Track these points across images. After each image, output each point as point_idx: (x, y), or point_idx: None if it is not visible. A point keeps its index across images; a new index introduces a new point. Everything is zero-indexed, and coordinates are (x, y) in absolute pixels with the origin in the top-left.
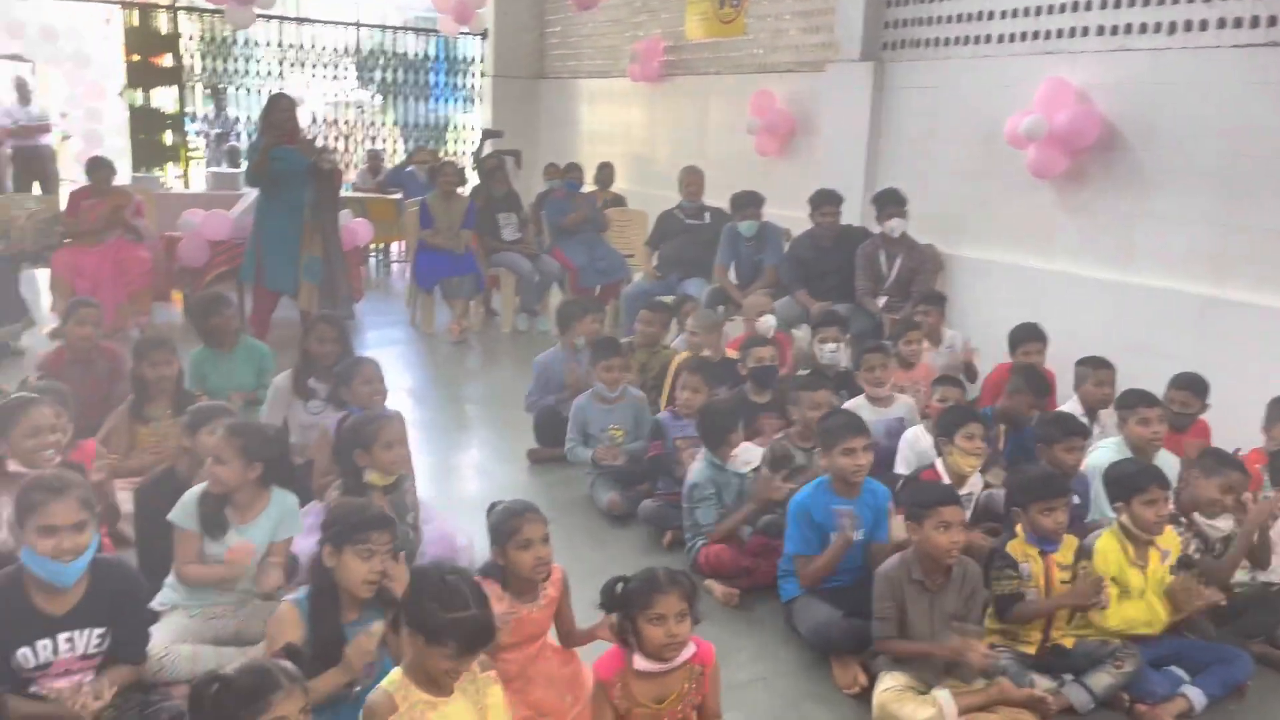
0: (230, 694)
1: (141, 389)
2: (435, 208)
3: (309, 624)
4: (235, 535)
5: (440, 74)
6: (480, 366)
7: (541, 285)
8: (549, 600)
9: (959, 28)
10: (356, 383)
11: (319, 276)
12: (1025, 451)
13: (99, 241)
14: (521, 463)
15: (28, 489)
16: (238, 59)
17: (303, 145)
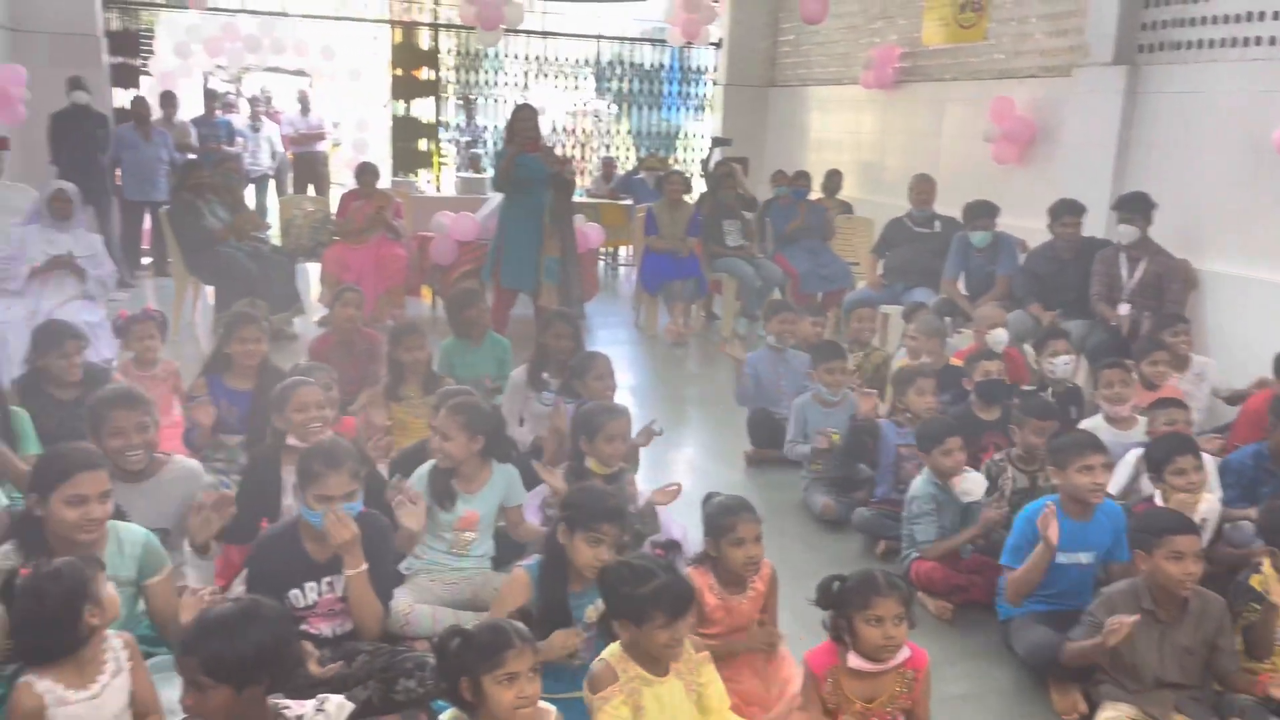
0: (470, 647)
1: (396, 370)
2: (660, 215)
3: (538, 591)
4: (463, 505)
5: (673, 83)
6: (699, 368)
7: (763, 290)
8: (756, 594)
9: (1225, 29)
10: (589, 377)
11: (556, 277)
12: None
13: (363, 239)
14: (737, 462)
15: (308, 459)
16: (487, 71)
17: (545, 154)
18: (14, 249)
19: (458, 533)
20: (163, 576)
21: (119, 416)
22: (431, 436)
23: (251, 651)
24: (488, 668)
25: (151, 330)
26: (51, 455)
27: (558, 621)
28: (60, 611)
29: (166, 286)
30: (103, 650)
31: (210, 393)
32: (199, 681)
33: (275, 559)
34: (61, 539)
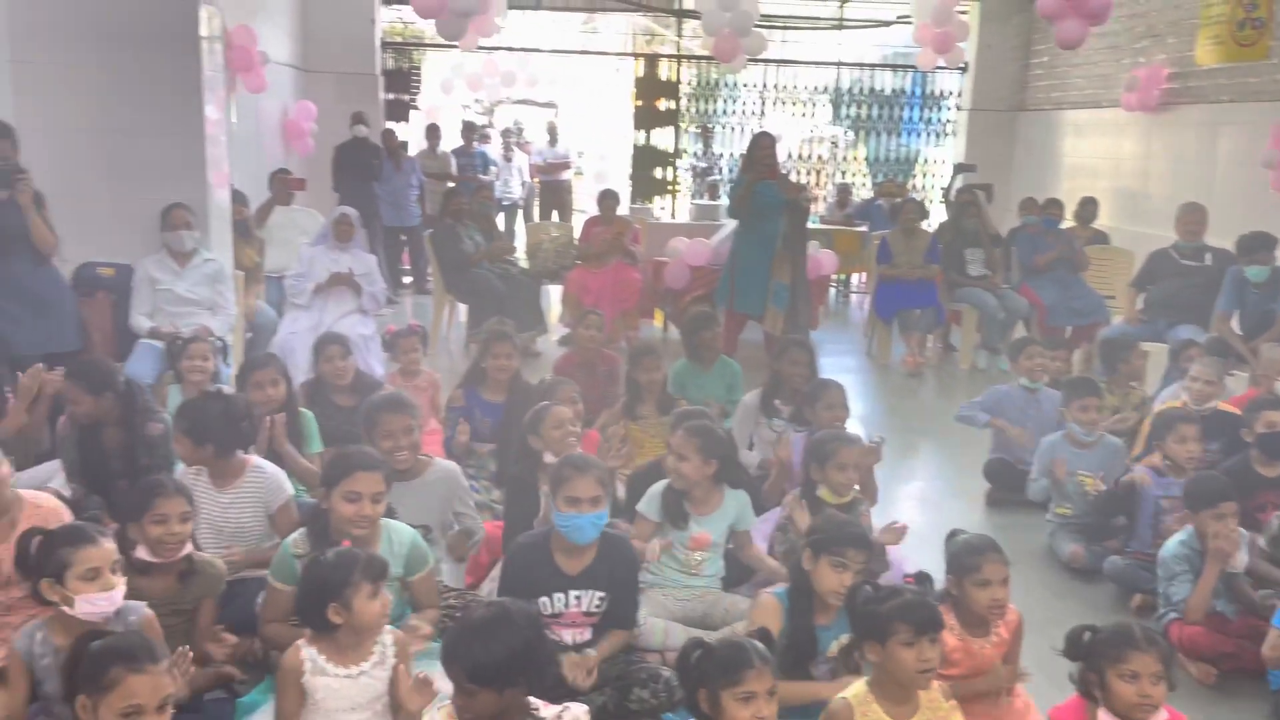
0: (711, 661)
1: (634, 390)
2: (895, 243)
3: (788, 618)
4: (695, 526)
5: (914, 109)
6: (934, 400)
7: (1006, 323)
8: (1000, 640)
9: None
10: (820, 405)
11: (784, 302)
12: None
13: (603, 264)
14: (976, 501)
15: (559, 465)
16: (723, 100)
17: (781, 181)
18: (303, 267)
19: (689, 552)
20: (425, 574)
21: (388, 420)
22: (667, 456)
23: (507, 656)
24: (726, 683)
25: (415, 344)
26: (338, 454)
27: (803, 651)
28: (313, 598)
29: (423, 304)
30: (373, 641)
31: (466, 403)
32: (464, 687)
33: (527, 567)
34: (340, 533)
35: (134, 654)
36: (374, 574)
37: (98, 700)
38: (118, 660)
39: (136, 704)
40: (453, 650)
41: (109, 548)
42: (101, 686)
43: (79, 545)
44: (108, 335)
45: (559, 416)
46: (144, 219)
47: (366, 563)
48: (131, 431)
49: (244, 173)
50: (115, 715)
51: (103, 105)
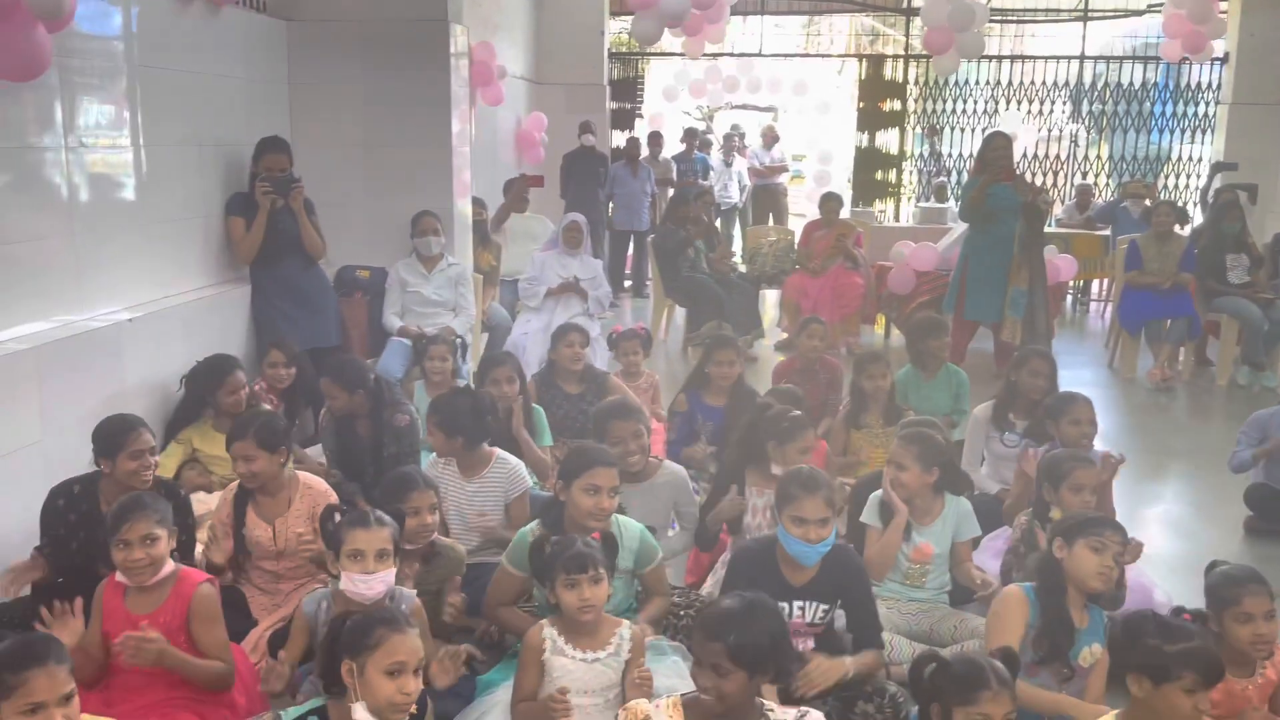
0: (945, 676)
1: (859, 398)
2: (1146, 248)
3: (1036, 611)
4: (917, 537)
5: (1165, 103)
6: (1186, 419)
7: (1272, 335)
8: (1266, 682)
9: None
10: (1065, 421)
11: (1022, 310)
12: None
13: (824, 269)
14: (1234, 528)
15: (786, 482)
16: (952, 99)
17: (1018, 183)
18: (535, 271)
19: (911, 564)
20: (656, 566)
21: (617, 427)
22: (887, 466)
23: (768, 641)
24: (960, 702)
25: (636, 346)
26: (577, 450)
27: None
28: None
29: (642, 307)
30: (613, 631)
31: (690, 407)
32: (721, 666)
33: (751, 573)
34: (575, 523)
35: (393, 618)
36: (574, 567)
37: (364, 661)
38: (380, 623)
39: (400, 660)
40: (717, 629)
41: (380, 534)
42: (367, 646)
43: (352, 527)
44: (363, 333)
45: (806, 443)
46: (396, 225)
47: (571, 556)
48: (380, 423)
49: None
50: (380, 671)
51: (364, 121)
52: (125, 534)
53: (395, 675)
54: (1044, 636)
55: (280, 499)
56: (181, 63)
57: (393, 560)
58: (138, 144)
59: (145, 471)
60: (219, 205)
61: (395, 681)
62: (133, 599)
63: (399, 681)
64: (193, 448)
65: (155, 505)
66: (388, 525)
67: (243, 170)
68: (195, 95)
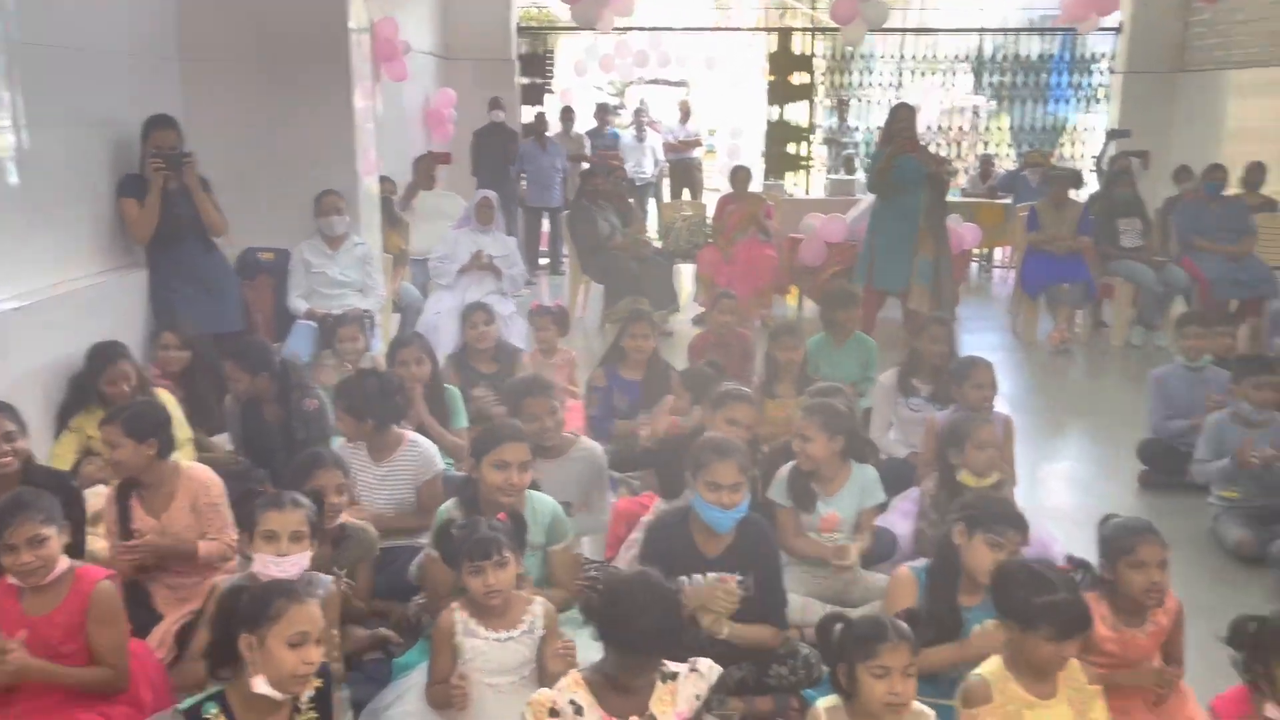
0: (849, 634)
1: (772, 369)
2: (1044, 214)
3: (926, 595)
4: (823, 507)
5: (1062, 74)
6: (1084, 379)
7: (1164, 297)
8: (1158, 629)
9: None
10: (968, 385)
11: (929, 279)
12: None
13: (735, 241)
14: (1129, 483)
15: (700, 448)
16: (859, 72)
17: (922, 154)
18: (447, 249)
19: (820, 534)
20: (565, 545)
21: (530, 403)
22: (793, 439)
23: (656, 628)
24: (862, 657)
25: (549, 323)
26: (487, 428)
27: (946, 628)
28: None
29: (559, 284)
30: (524, 609)
31: (606, 382)
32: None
33: (666, 545)
34: (488, 501)
35: (291, 589)
36: (478, 553)
37: (264, 633)
38: (279, 594)
39: (302, 630)
40: (609, 619)
41: (294, 515)
42: (268, 618)
43: (266, 508)
44: (268, 316)
45: (736, 414)
46: (300, 206)
47: (475, 542)
48: (288, 407)
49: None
50: (282, 642)
51: (261, 99)
52: (9, 538)
53: (297, 646)
54: (929, 623)
55: (163, 492)
56: (65, 38)
57: (309, 543)
58: (18, 124)
59: (2, 457)
60: (109, 187)
61: (297, 652)
62: (28, 600)
63: (301, 652)
64: (86, 435)
65: (39, 504)
66: (303, 507)
67: (133, 151)
68: (80, 73)
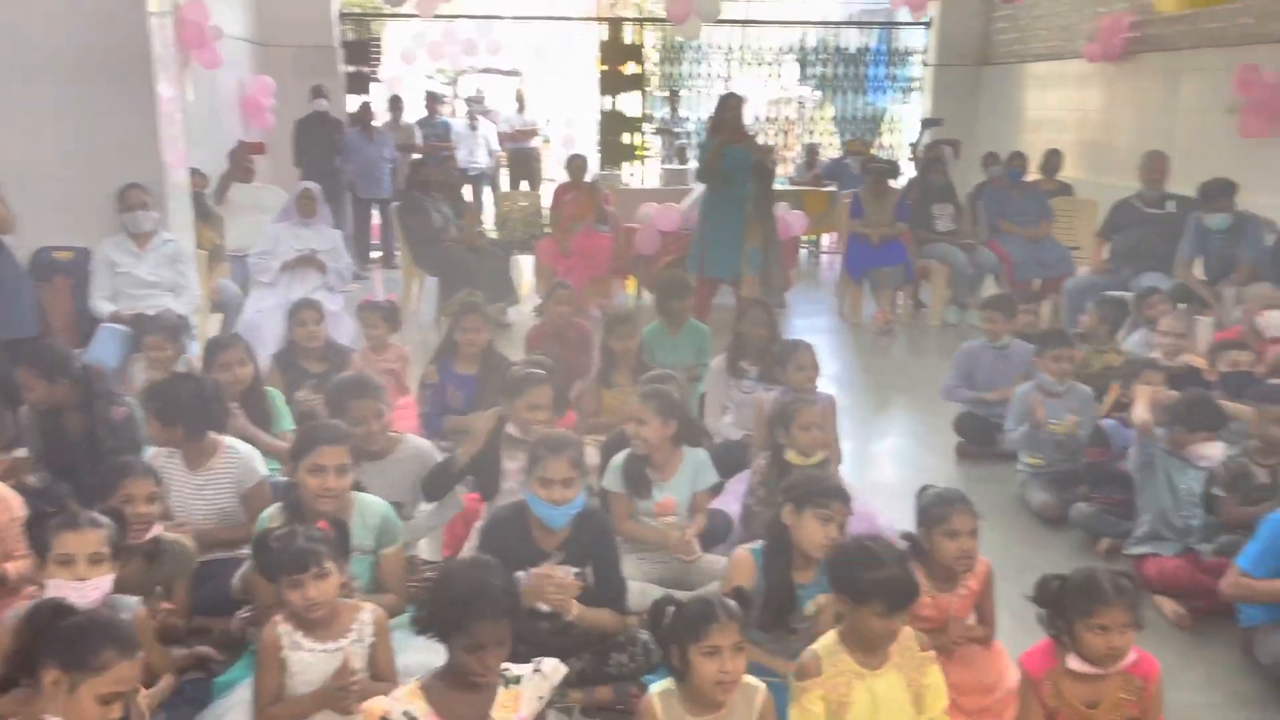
0: (679, 617)
1: (609, 358)
2: (866, 200)
3: (763, 575)
4: (658, 492)
5: (879, 66)
6: (905, 357)
7: (975, 278)
8: (969, 592)
9: None
10: (790, 367)
11: (758, 266)
12: None
13: (572, 232)
14: (948, 455)
15: (535, 445)
16: (690, 63)
17: (749, 144)
18: (267, 245)
19: (658, 518)
20: (396, 548)
21: (356, 406)
22: (627, 424)
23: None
24: (692, 638)
25: (377, 319)
26: (304, 429)
27: (782, 607)
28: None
29: (393, 278)
30: (352, 618)
31: (440, 377)
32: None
33: (503, 542)
34: (311, 507)
35: (127, 639)
36: (295, 566)
37: (80, 679)
38: (111, 644)
39: (120, 691)
40: (450, 617)
41: (92, 536)
42: (91, 667)
43: (60, 529)
44: (68, 320)
45: (537, 398)
46: (100, 201)
47: (292, 555)
48: (93, 416)
49: (203, 151)
50: (95, 697)
51: (54, 86)
52: None
53: (107, 703)
54: (768, 604)
55: None
56: None
57: (109, 565)
58: None
59: None
60: None
61: (104, 709)
62: None
63: (107, 709)
64: None
65: None
66: (102, 526)
67: None
68: None
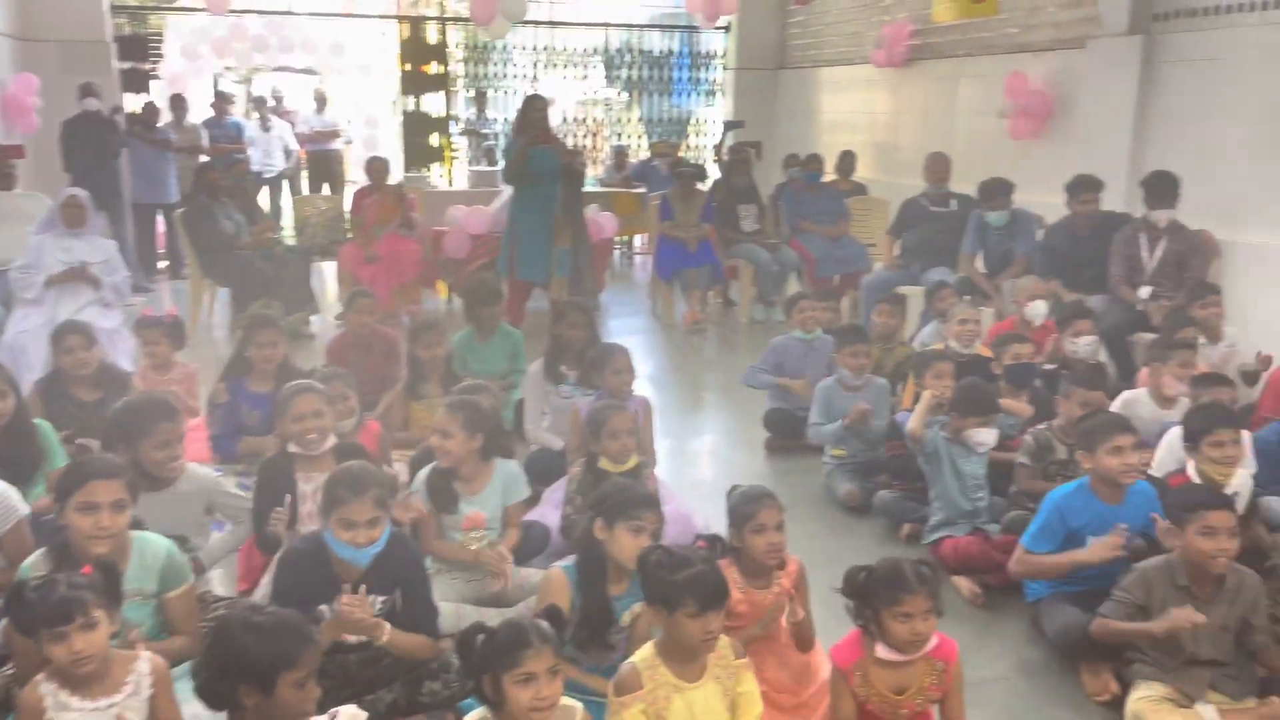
0: (490, 644)
1: (416, 368)
2: (675, 202)
3: (577, 592)
4: (466, 506)
5: (684, 69)
6: (717, 355)
7: (779, 276)
8: (782, 590)
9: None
10: (607, 371)
11: (568, 269)
12: None
13: (376, 236)
14: (758, 450)
15: (333, 483)
16: (496, 63)
17: (556, 146)
18: (30, 257)
19: (466, 534)
20: (182, 590)
21: (164, 429)
22: (432, 436)
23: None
24: (505, 666)
25: (158, 336)
26: (71, 464)
27: (598, 623)
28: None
29: (182, 289)
30: (127, 670)
31: (232, 396)
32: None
33: (302, 574)
34: (82, 550)
35: None
36: (57, 618)
37: None
38: None
39: None
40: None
41: None
42: None
43: None
44: None
45: (301, 407)
46: None
47: (53, 605)
48: None
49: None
50: None
51: None
52: None
53: None
54: (585, 621)
55: None
56: None
57: None
58: None
59: None
60: None
61: None
62: None
63: None
64: None
65: None
66: None
67: None
68: None
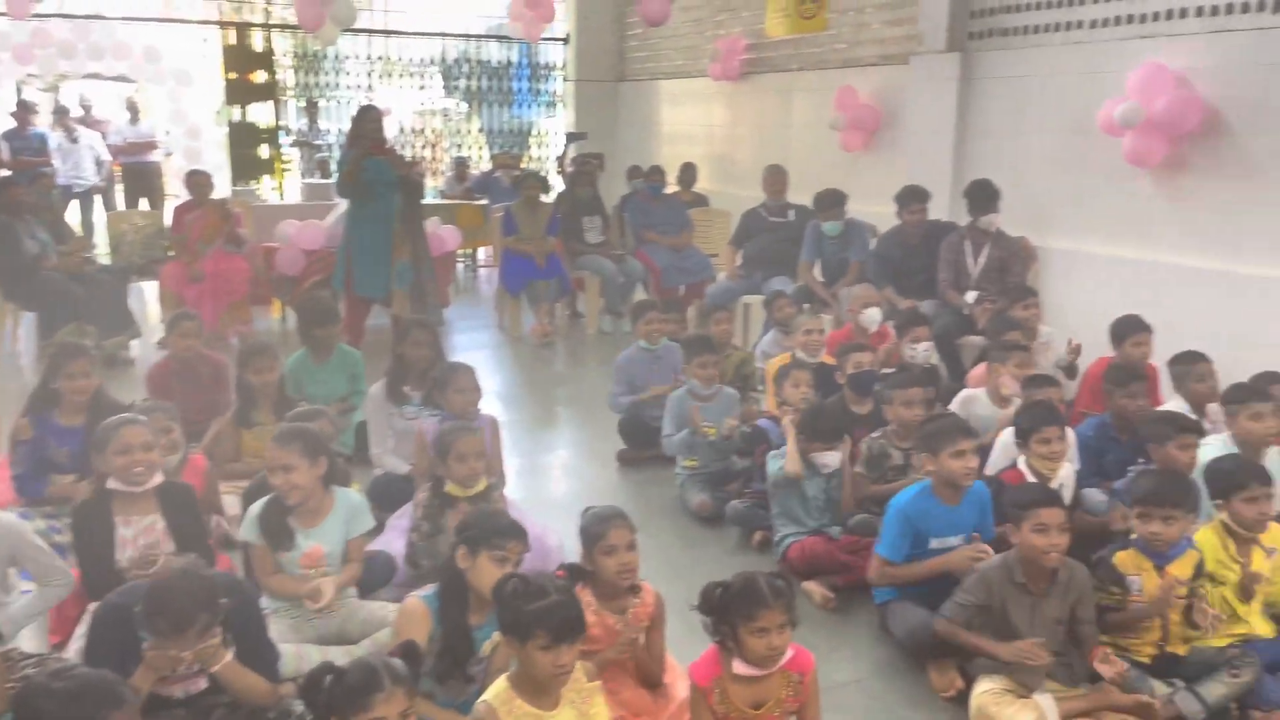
0: (339, 688)
1: (246, 395)
2: (519, 215)
3: (437, 622)
4: (304, 541)
5: (523, 80)
6: (566, 368)
7: (625, 287)
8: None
9: (1049, 14)
10: (451, 390)
11: (408, 282)
12: None
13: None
14: (611, 463)
15: (150, 615)
16: (329, 72)
17: (392, 158)
18: None
19: (305, 571)
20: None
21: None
22: (270, 474)
23: None
24: (355, 710)
25: None
26: None
27: (459, 654)
28: None
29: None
30: None
31: (38, 432)
32: None
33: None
34: None
35: None
36: None
37: None
38: None
39: None
40: None
41: None
42: None
43: None
44: None
45: (127, 440)
46: None
47: None
48: None
49: None
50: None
51: None
52: None
53: None
54: (445, 653)
55: None
56: None
57: None
58: None
59: None
60: None
61: None
62: None
63: None
64: None
65: None
66: None
67: None
68: None
